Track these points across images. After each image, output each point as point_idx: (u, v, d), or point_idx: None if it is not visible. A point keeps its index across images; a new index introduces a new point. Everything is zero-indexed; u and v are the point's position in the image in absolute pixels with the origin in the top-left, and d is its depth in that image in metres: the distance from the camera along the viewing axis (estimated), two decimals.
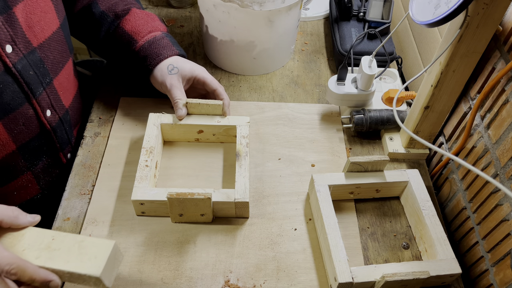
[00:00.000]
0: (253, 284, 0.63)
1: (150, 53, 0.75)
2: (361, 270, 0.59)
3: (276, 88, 0.90)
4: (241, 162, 0.70)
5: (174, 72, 0.74)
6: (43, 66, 0.66)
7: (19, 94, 0.63)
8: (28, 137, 0.67)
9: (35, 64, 0.64)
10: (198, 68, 0.77)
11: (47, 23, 0.66)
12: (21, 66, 0.62)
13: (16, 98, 0.63)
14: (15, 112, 0.63)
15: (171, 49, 0.76)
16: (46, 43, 0.66)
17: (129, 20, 0.77)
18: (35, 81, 0.65)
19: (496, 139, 0.64)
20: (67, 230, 0.67)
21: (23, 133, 0.66)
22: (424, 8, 0.59)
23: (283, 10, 0.80)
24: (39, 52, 0.65)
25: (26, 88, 0.63)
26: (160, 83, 0.75)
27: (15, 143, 0.65)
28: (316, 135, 0.81)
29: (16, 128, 0.64)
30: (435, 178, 0.83)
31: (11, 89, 0.62)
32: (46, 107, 0.68)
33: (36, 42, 0.64)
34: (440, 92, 0.67)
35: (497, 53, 0.65)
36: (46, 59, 0.67)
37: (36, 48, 0.64)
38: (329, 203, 0.66)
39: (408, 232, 0.70)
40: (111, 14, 0.78)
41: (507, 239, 0.60)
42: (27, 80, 0.63)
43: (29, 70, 0.63)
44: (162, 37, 0.77)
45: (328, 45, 1.00)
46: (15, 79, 0.61)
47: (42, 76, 0.66)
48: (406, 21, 0.96)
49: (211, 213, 0.67)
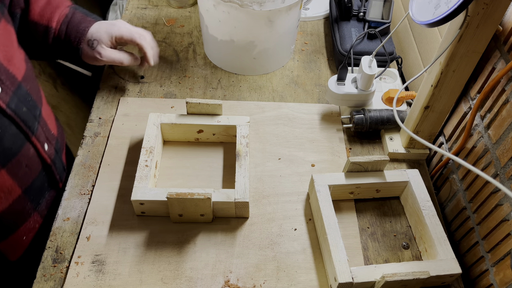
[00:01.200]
0: (253, 284, 0.63)
1: (70, 33, 0.73)
2: (361, 270, 0.59)
3: (276, 88, 0.90)
4: (241, 162, 0.70)
5: (95, 44, 0.74)
6: (31, 99, 0.63)
7: (18, 136, 0.60)
8: (32, 178, 0.65)
9: (24, 99, 0.61)
10: (113, 27, 0.76)
11: (19, 52, 0.63)
12: (14, 105, 0.58)
13: (17, 141, 0.60)
14: (18, 155, 0.60)
15: (87, 21, 0.75)
16: (26, 74, 0.63)
17: (34, 9, 0.72)
18: (30, 118, 0.62)
19: (496, 139, 0.64)
20: (67, 230, 0.67)
21: (27, 175, 0.64)
22: (424, 8, 0.59)
23: (283, 10, 0.80)
24: (24, 85, 0.62)
25: (24, 127, 0.61)
26: (92, 58, 0.76)
27: (21, 187, 0.63)
28: (316, 135, 0.81)
29: (20, 172, 0.62)
30: (435, 178, 0.83)
31: (10, 132, 0.59)
32: (43, 141, 0.66)
33: (19, 75, 0.61)
34: (440, 92, 0.67)
35: (497, 53, 0.65)
36: (31, 91, 0.64)
37: (21, 82, 0.61)
38: (329, 203, 0.66)
39: (408, 232, 0.70)
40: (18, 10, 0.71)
41: (507, 239, 0.60)
42: (23, 118, 0.60)
43: (22, 107, 0.60)
44: (73, 12, 0.74)
45: (328, 45, 1.00)
46: (12, 120, 0.58)
47: (33, 110, 0.63)
48: (406, 21, 0.96)
49: (211, 213, 0.67)
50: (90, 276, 0.62)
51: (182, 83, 0.89)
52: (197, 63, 0.93)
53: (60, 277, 0.62)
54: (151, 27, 1.00)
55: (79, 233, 0.67)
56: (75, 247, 0.65)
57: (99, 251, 0.65)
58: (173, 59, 0.94)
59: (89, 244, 0.65)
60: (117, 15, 1.54)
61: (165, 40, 0.97)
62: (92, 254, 0.64)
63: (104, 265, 0.63)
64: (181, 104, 0.84)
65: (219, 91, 0.88)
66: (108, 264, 0.63)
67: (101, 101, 0.85)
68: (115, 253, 0.65)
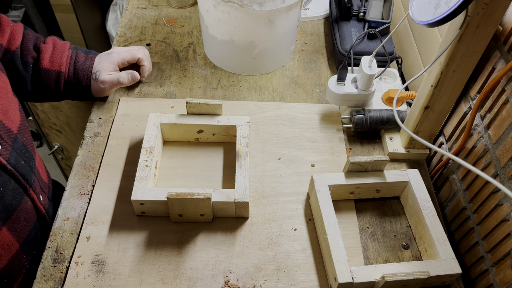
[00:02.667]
0: (253, 284, 0.63)
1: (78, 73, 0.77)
2: (361, 270, 0.59)
3: (276, 88, 0.90)
4: (241, 162, 0.70)
5: (98, 75, 0.78)
6: (27, 150, 0.64)
7: (17, 190, 0.60)
8: (28, 231, 0.64)
9: (21, 152, 0.62)
10: (112, 55, 0.81)
11: (13, 102, 0.64)
12: (14, 160, 0.59)
13: (16, 196, 0.60)
14: (17, 210, 0.60)
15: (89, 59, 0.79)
16: (21, 125, 0.64)
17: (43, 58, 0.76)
18: (27, 170, 0.63)
19: (496, 139, 0.64)
20: (67, 230, 0.67)
21: (24, 229, 0.63)
22: (424, 8, 0.59)
23: (283, 10, 0.80)
24: (20, 137, 0.63)
25: (23, 180, 0.61)
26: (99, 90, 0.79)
27: (18, 242, 0.63)
28: (316, 135, 0.81)
29: (19, 227, 0.62)
30: (435, 178, 0.83)
31: (10, 188, 0.59)
32: (39, 193, 0.66)
33: (15, 128, 0.61)
34: (440, 92, 0.67)
35: (497, 53, 0.65)
36: (26, 142, 0.64)
37: (17, 134, 0.62)
38: (329, 203, 0.66)
39: (408, 232, 0.70)
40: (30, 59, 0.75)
41: (507, 239, 0.60)
42: (22, 172, 0.61)
43: (20, 160, 0.61)
44: (75, 53, 0.79)
45: (328, 45, 1.00)
46: (12, 176, 0.59)
47: (29, 161, 0.64)
48: (406, 21, 0.96)
49: (211, 213, 0.67)
50: (90, 276, 0.62)
51: (182, 83, 0.89)
52: (197, 63, 0.93)
53: (60, 277, 0.62)
54: (151, 27, 1.00)
55: (79, 233, 0.67)
56: (75, 247, 0.65)
57: (99, 251, 0.65)
58: (173, 59, 0.94)
59: (89, 244, 0.65)
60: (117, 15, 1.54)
61: (165, 40, 0.97)
62: (92, 254, 0.64)
63: (104, 265, 0.63)
64: (181, 104, 0.84)
65: (219, 91, 0.88)
66: (108, 264, 0.63)
67: (101, 101, 0.85)
68: (115, 253, 0.65)
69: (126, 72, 0.81)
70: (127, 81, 0.81)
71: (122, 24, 1.01)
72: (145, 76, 0.86)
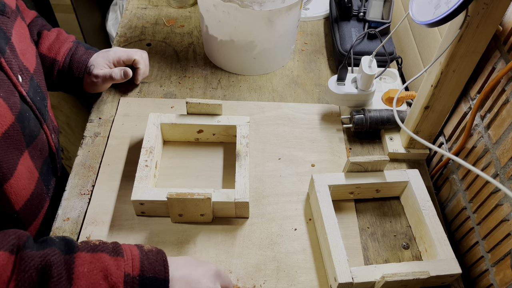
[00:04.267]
0: (253, 284, 0.63)
1: (72, 65, 0.78)
2: (361, 270, 0.59)
3: (276, 88, 0.90)
4: (241, 162, 0.70)
5: (92, 69, 0.79)
6: (41, 91, 0.67)
7: (36, 121, 0.63)
8: (41, 162, 0.67)
9: (36, 90, 0.65)
10: (109, 52, 0.81)
11: (30, 47, 0.66)
12: (32, 94, 0.62)
13: (36, 125, 0.63)
14: (37, 139, 0.64)
15: (87, 53, 0.80)
16: (37, 68, 0.67)
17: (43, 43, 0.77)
18: (42, 107, 0.65)
19: (496, 139, 0.64)
20: (67, 230, 0.67)
21: (39, 159, 0.66)
22: (424, 8, 0.59)
23: (283, 10, 0.80)
24: (35, 77, 0.65)
25: (39, 114, 0.64)
26: (91, 84, 0.79)
27: (37, 170, 0.65)
28: (316, 135, 0.81)
29: (36, 154, 0.64)
30: (435, 178, 0.83)
31: (31, 117, 0.62)
32: (51, 131, 0.69)
33: (31, 69, 0.65)
34: (440, 92, 0.67)
35: (497, 53, 0.65)
36: (40, 84, 0.67)
37: (33, 74, 0.65)
38: (329, 203, 0.66)
39: (408, 232, 0.70)
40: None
41: (507, 239, 0.60)
42: (38, 106, 0.64)
43: (36, 96, 0.64)
44: (76, 46, 0.80)
45: (328, 45, 1.00)
46: (30, 108, 0.62)
47: (43, 100, 0.67)
48: (406, 21, 0.96)
49: (211, 213, 0.67)
50: None
51: (182, 83, 0.89)
52: (197, 63, 0.93)
53: None
54: (151, 27, 1.00)
55: (79, 233, 0.66)
56: None
57: None
58: (173, 59, 0.94)
59: None
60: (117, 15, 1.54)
61: (165, 40, 0.98)
62: None
63: None
64: (181, 104, 0.84)
65: (219, 91, 0.88)
66: None
67: (101, 101, 0.85)
68: None
69: (119, 68, 0.81)
70: (119, 76, 0.80)
71: (122, 24, 1.01)
72: (139, 79, 0.85)
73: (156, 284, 0.49)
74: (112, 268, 0.48)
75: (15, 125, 0.57)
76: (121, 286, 0.48)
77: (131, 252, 0.51)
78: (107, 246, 0.51)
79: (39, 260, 0.46)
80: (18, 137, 0.58)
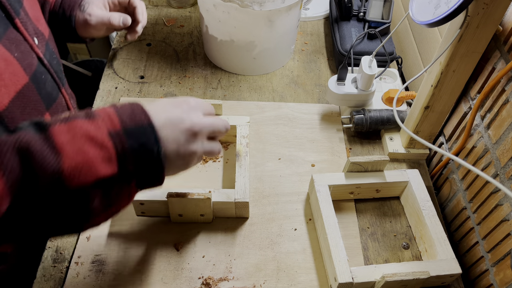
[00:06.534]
0: (253, 284, 0.63)
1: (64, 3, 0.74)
2: (361, 270, 0.59)
3: (276, 88, 0.90)
4: (241, 162, 0.70)
5: (86, 7, 0.75)
6: (55, 57, 0.66)
7: (53, 84, 0.62)
8: None
9: (52, 56, 0.63)
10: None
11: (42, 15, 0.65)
12: (48, 57, 0.61)
13: (54, 88, 0.62)
14: (56, 102, 0.62)
15: None
16: (50, 35, 0.66)
17: None
18: (59, 70, 0.64)
19: (496, 139, 0.64)
20: None
21: None
22: (424, 8, 0.59)
23: (283, 10, 0.80)
24: (50, 44, 0.64)
25: (57, 78, 0.62)
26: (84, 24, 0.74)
27: None
28: (316, 135, 0.81)
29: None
30: (435, 178, 0.83)
31: (49, 79, 0.61)
32: (70, 96, 0.67)
33: (46, 34, 0.63)
34: (440, 92, 0.67)
35: (497, 53, 0.65)
36: (54, 50, 0.66)
37: (48, 40, 0.63)
38: (329, 203, 0.66)
39: (408, 232, 0.70)
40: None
41: (507, 239, 0.60)
42: (55, 69, 0.62)
43: (53, 60, 0.63)
44: None
45: (328, 45, 1.00)
46: (48, 70, 0.60)
47: (59, 66, 0.66)
48: (406, 21, 0.96)
49: (211, 213, 0.67)
50: (90, 276, 0.62)
51: (182, 83, 0.89)
52: (197, 63, 0.93)
53: (60, 277, 0.62)
54: (151, 27, 1.00)
55: (78, 234, 0.67)
56: (75, 247, 0.65)
57: (99, 251, 0.65)
58: (173, 59, 0.94)
59: (89, 244, 0.65)
60: None
61: (165, 40, 0.98)
62: (92, 254, 0.64)
63: (104, 265, 0.63)
64: None
65: (219, 91, 0.88)
66: (108, 264, 0.63)
67: (101, 101, 0.85)
68: (115, 253, 0.65)
69: (119, 13, 0.77)
70: (117, 22, 0.75)
71: None
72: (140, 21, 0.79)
73: (142, 131, 0.47)
74: (92, 130, 0.45)
75: (30, 85, 0.56)
76: (109, 143, 0.45)
77: (104, 112, 0.48)
78: (79, 114, 0.48)
79: (13, 141, 0.42)
80: (35, 98, 0.57)
